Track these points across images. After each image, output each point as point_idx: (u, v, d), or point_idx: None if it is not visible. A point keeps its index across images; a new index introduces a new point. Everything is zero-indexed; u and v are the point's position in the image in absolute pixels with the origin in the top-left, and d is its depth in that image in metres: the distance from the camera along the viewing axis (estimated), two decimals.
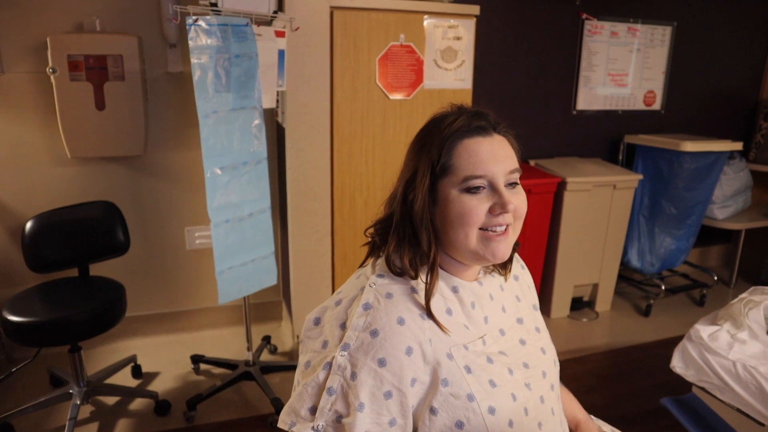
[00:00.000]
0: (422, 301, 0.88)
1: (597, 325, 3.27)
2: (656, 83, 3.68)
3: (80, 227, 2.37)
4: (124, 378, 2.56)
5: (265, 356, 2.79)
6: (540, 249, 3.14)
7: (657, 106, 3.73)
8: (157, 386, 2.53)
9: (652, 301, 3.38)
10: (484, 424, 0.84)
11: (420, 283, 0.89)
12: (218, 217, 2.08)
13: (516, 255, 1.10)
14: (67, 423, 2.10)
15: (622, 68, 3.54)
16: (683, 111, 3.81)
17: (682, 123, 3.81)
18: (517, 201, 0.90)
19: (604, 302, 3.44)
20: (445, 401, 0.84)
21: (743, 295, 1.94)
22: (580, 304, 3.44)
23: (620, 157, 3.61)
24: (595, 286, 3.40)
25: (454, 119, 0.91)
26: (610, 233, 3.26)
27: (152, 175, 2.78)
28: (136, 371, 2.59)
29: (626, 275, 3.68)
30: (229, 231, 2.12)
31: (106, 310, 2.13)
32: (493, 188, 0.88)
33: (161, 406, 2.32)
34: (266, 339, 2.84)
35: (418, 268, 0.90)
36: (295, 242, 2.45)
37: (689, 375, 1.85)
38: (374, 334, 0.83)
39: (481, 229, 0.88)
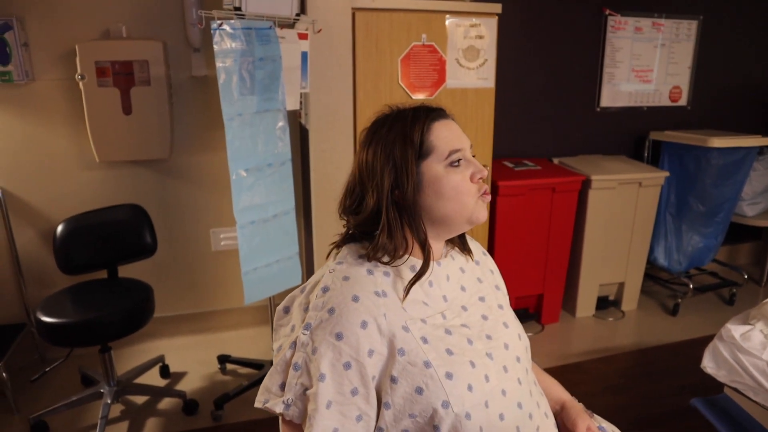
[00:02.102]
0: (377, 281, 0.94)
1: (623, 325, 3.23)
2: (682, 78, 3.61)
3: (109, 230, 2.42)
4: (152, 378, 2.60)
5: None
6: (565, 248, 3.10)
7: (683, 101, 3.67)
8: (185, 386, 2.56)
9: (679, 300, 3.33)
10: (442, 388, 0.88)
11: (378, 266, 0.97)
12: (244, 219, 2.10)
13: (477, 243, 1.20)
14: (98, 422, 2.15)
15: (646, 64, 3.49)
16: (710, 106, 3.74)
17: (709, 119, 3.74)
18: None
19: (630, 301, 3.39)
20: (403, 369, 0.89)
21: None
22: (605, 304, 3.39)
23: (646, 154, 3.55)
24: (621, 285, 3.36)
25: (414, 110, 1.01)
26: (636, 231, 3.21)
27: (178, 178, 2.83)
28: (165, 371, 2.63)
29: (653, 274, 3.62)
30: (254, 232, 2.14)
31: (135, 311, 2.17)
32: (467, 160, 1.00)
33: (189, 406, 2.36)
34: None
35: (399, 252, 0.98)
36: (319, 243, 2.47)
37: (721, 375, 1.82)
38: (331, 311, 0.90)
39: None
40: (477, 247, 1.19)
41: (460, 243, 1.12)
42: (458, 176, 0.97)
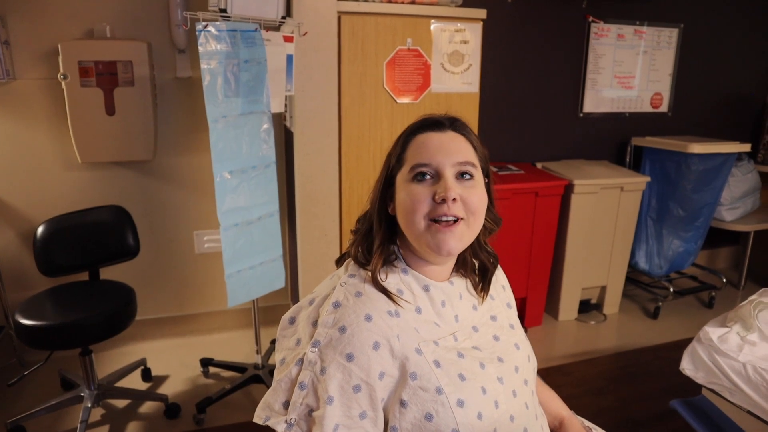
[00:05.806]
0: (391, 299, 0.91)
1: (605, 328, 3.27)
2: (663, 85, 3.67)
3: (91, 231, 2.39)
4: (134, 381, 2.57)
5: (274, 359, 2.80)
6: (547, 252, 3.13)
7: (664, 108, 3.73)
8: (167, 389, 2.54)
9: (660, 304, 3.37)
10: (452, 416, 0.86)
11: (390, 284, 0.93)
12: (227, 221, 2.09)
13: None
14: (78, 426, 2.12)
15: (628, 71, 3.54)
16: (690, 113, 3.80)
17: (690, 125, 3.80)
18: (467, 193, 0.91)
19: (612, 305, 3.43)
20: (414, 394, 0.86)
21: (753, 297, 1.94)
22: (587, 307, 3.43)
23: (627, 160, 3.60)
24: (603, 289, 3.39)
25: (415, 121, 0.99)
26: (618, 236, 3.25)
27: (161, 180, 2.80)
28: (146, 374, 2.61)
29: (634, 277, 3.67)
30: (238, 235, 2.14)
31: (116, 313, 2.15)
32: (439, 177, 0.91)
33: (171, 409, 2.34)
34: (275, 342, 2.85)
35: (378, 259, 0.94)
36: (303, 246, 2.46)
37: (699, 377, 1.85)
38: (342, 330, 0.86)
39: (432, 220, 0.90)
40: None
41: (481, 281, 1.06)
42: (417, 189, 0.91)
